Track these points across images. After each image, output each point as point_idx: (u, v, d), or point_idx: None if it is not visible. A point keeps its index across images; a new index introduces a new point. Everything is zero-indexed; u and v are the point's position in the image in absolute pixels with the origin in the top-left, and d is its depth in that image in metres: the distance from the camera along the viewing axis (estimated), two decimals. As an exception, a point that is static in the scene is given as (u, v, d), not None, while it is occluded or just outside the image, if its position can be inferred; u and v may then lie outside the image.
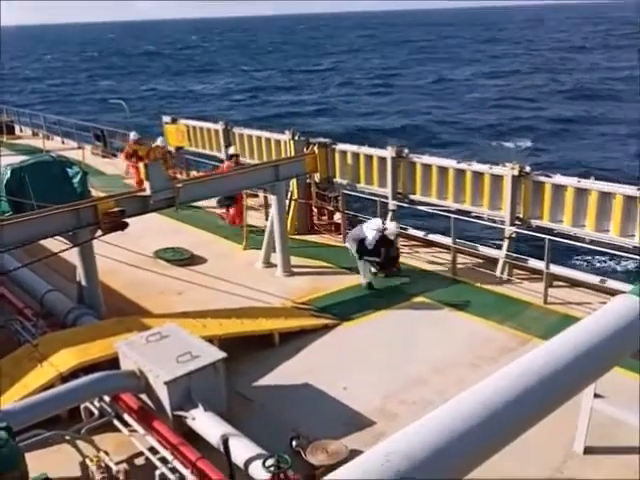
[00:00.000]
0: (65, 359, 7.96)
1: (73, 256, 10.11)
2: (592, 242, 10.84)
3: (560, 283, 11.30)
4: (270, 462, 5.54)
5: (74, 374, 7.50)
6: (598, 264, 17.54)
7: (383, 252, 11.37)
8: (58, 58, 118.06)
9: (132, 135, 19.12)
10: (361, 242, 11.32)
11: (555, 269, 11.06)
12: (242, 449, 6.20)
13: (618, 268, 16.90)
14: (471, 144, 38.72)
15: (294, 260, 12.64)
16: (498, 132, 42.21)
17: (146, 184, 10.09)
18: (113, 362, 7.73)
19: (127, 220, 9.71)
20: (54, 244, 10.26)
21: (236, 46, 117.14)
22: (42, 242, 10.05)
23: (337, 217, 14.68)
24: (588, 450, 6.78)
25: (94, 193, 11.11)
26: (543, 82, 61.33)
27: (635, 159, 31.45)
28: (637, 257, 10.08)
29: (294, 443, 6.98)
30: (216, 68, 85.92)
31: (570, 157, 33.50)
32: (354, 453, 6.33)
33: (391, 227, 11.61)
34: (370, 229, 11.36)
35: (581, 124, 42.88)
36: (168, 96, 64.82)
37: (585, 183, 10.66)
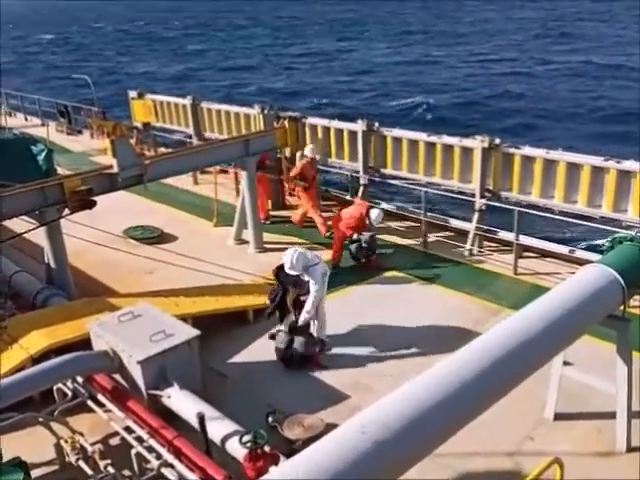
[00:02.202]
0: (35, 341, 7.85)
1: (41, 236, 9.92)
2: (561, 213, 10.98)
3: (530, 254, 11.47)
4: (247, 438, 5.56)
5: (45, 356, 7.40)
6: (567, 234, 17.80)
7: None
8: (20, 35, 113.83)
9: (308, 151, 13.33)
10: None
11: (525, 240, 11.20)
12: (218, 426, 6.21)
13: (586, 238, 17.19)
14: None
15: (266, 236, 12.59)
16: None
17: (113, 161, 9.91)
18: (85, 343, 7.64)
19: (95, 198, 9.54)
20: (20, 224, 10.03)
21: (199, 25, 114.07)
22: (7, 222, 9.82)
23: (309, 192, 14.61)
24: (558, 416, 6.95)
25: (60, 171, 10.84)
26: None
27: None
28: (605, 227, 10.24)
29: (270, 418, 7.02)
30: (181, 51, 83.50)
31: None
32: (330, 427, 6.38)
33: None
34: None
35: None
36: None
37: (553, 154, 10.76)
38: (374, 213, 11.43)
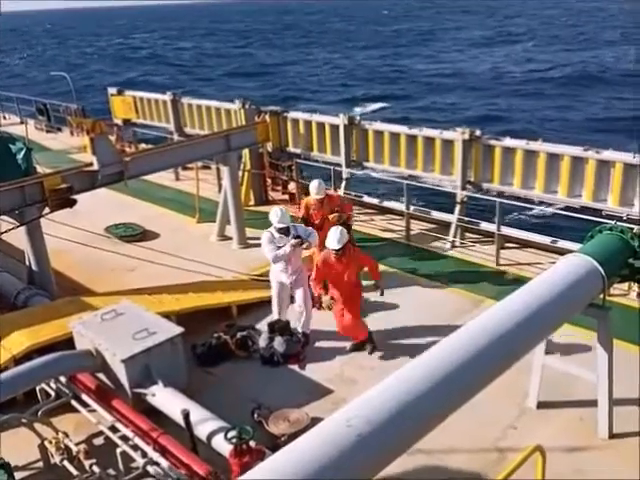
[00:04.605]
0: (17, 341, 7.77)
1: (21, 236, 9.82)
2: (541, 203, 11.08)
3: (511, 245, 11.55)
4: (232, 434, 5.55)
5: (28, 356, 7.33)
6: (547, 224, 17.93)
7: None
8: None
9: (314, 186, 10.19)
10: None
11: (506, 231, 11.28)
12: (204, 423, 6.20)
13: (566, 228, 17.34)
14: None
15: (249, 232, 12.55)
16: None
17: (93, 159, 9.83)
18: (68, 342, 7.59)
19: (75, 197, 9.46)
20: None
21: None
22: (-14, 222, 9.71)
23: (292, 187, 14.60)
24: (541, 405, 7.02)
25: (40, 170, 10.71)
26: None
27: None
28: (584, 217, 10.34)
29: (255, 414, 7.02)
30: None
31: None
32: (316, 421, 6.39)
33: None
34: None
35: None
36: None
37: (534, 145, 10.84)
38: (313, 183, 10.09)
